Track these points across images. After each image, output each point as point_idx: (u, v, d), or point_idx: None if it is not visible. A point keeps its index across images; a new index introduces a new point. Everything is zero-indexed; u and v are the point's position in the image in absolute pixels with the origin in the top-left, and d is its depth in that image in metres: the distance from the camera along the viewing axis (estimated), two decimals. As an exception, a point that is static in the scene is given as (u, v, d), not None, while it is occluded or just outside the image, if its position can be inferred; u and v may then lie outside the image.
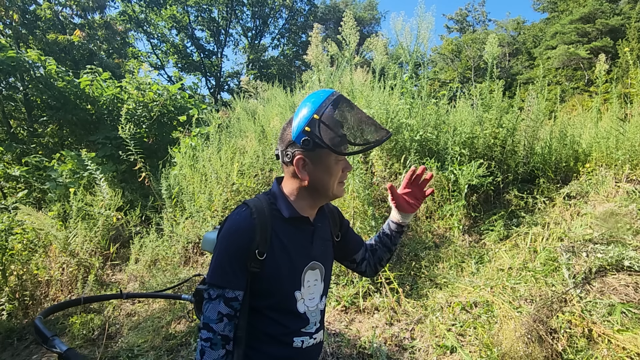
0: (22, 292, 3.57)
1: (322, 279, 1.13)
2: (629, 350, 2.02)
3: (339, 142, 0.99)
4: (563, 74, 23.04)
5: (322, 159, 1.03)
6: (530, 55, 28.65)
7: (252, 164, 4.41)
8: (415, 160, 3.88)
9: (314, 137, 0.98)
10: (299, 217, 1.06)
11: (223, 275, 0.97)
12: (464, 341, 2.43)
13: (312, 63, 4.61)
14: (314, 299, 1.10)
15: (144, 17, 20.59)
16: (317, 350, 1.13)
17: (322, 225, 1.16)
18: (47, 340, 1.02)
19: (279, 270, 1.01)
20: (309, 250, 1.09)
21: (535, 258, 2.89)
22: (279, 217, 1.04)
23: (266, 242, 0.99)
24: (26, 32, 11.97)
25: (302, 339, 1.06)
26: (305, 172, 1.03)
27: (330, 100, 1.00)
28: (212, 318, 0.95)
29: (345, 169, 1.08)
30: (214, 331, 0.94)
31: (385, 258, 1.32)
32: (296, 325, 1.06)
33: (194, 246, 3.92)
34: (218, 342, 0.94)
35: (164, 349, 2.83)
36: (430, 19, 3.98)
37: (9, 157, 6.41)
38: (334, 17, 29.46)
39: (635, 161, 3.39)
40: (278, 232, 1.02)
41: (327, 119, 0.98)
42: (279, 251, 1.01)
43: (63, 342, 1.01)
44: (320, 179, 1.04)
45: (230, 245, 0.98)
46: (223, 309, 0.95)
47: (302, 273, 1.06)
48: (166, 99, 6.41)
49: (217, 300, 0.96)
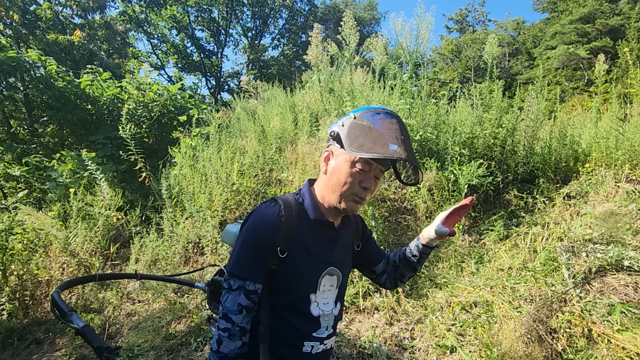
0: (22, 292, 3.57)
1: (338, 286, 1.12)
2: (628, 350, 2.03)
3: (353, 143, 0.96)
4: (563, 74, 23.04)
5: (340, 155, 1.02)
6: (530, 56, 28.66)
7: (252, 164, 4.41)
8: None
9: (341, 132, 0.99)
10: (324, 221, 1.06)
11: (245, 267, 0.97)
12: (464, 341, 2.44)
13: (312, 63, 4.62)
14: (329, 304, 1.09)
15: (144, 17, 20.58)
16: (326, 357, 1.12)
17: (345, 233, 1.15)
18: (65, 315, 1.02)
19: (297, 271, 1.01)
20: (329, 256, 1.08)
21: (535, 258, 2.90)
22: (305, 218, 1.04)
23: (289, 241, 0.99)
24: (26, 32, 11.96)
25: (312, 344, 1.05)
26: (326, 165, 1.05)
27: (376, 112, 0.99)
28: (232, 309, 0.95)
29: (362, 183, 1.00)
30: (232, 322, 0.95)
31: (408, 276, 1.30)
32: (307, 328, 1.04)
33: (194, 246, 3.92)
34: (236, 333, 0.95)
35: (164, 349, 2.83)
36: (430, 19, 3.98)
37: (9, 157, 6.42)
38: (334, 17, 29.48)
39: (635, 161, 3.39)
40: (302, 233, 1.02)
41: (359, 120, 0.98)
42: (300, 252, 1.01)
43: (80, 318, 1.01)
44: (332, 177, 1.02)
45: (255, 238, 0.98)
46: (243, 301, 0.95)
47: (320, 277, 1.06)
48: (166, 99, 6.41)
49: (238, 291, 0.96)
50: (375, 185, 1.06)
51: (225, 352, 0.94)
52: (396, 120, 1.00)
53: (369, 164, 1.00)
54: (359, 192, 1.01)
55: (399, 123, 1.00)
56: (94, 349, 0.94)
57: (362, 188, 1.01)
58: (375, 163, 1.00)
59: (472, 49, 28.07)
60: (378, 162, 1.00)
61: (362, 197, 1.02)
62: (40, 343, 3.20)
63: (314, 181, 1.12)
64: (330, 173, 1.03)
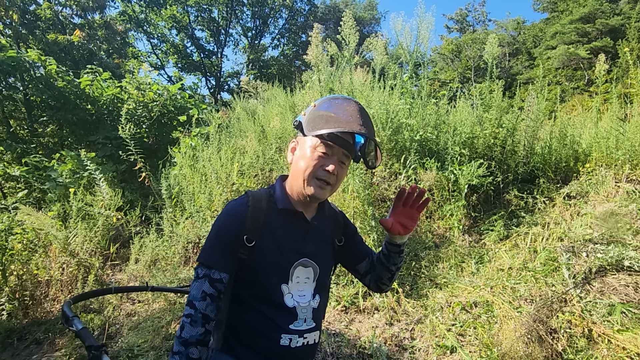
0: (22, 292, 3.57)
1: (315, 279, 1.11)
2: (629, 350, 2.02)
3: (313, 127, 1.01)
4: (563, 74, 23.03)
5: (304, 143, 1.07)
6: (530, 55, 28.65)
7: (252, 164, 4.41)
8: (415, 160, 3.88)
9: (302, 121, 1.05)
10: (292, 210, 1.08)
11: (211, 256, 1.01)
12: (464, 341, 2.43)
13: (312, 63, 4.61)
14: (305, 296, 1.08)
15: (144, 17, 20.57)
16: (308, 353, 1.09)
17: (320, 226, 1.15)
18: (68, 319, 1.12)
19: (267, 260, 1.03)
20: (300, 247, 1.08)
21: (535, 258, 2.89)
22: (274, 209, 1.07)
23: (257, 230, 1.02)
24: (26, 32, 11.95)
25: (290, 336, 1.03)
26: (292, 155, 1.10)
27: (335, 98, 1.06)
28: (196, 296, 0.98)
29: (324, 166, 1.04)
30: (195, 308, 0.97)
31: (386, 277, 1.25)
32: (283, 320, 1.03)
33: (194, 246, 3.92)
34: (198, 320, 0.97)
35: (164, 349, 2.83)
36: (430, 19, 3.98)
37: (9, 157, 6.42)
38: (334, 17, 29.44)
39: (635, 161, 3.39)
40: (271, 223, 1.05)
41: (319, 108, 1.05)
42: (269, 241, 1.03)
43: (81, 322, 1.10)
44: (297, 164, 1.07)
45: (220, 228, 1.03)
46: (207, 289, 0.98)
47: (291, 267, 1.06)
48: (166, 99, 6.41)
49: (203, 279, 0.99)
50: (342, 171, 1.08)
51: (186, 337, 0.96)
52: (354, 103, 1.06)
53: (331, 148, 1.03)
54: (323, 175, 1.04)
55: (357, 106, 1.05)
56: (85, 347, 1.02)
57: (325, 171, 1.04)
58: (337, 147, 1.03)
59: (472, 48, 28.06)
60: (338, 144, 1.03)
61: (326, 180, 1.04)
62: (40, 343, 3.20)
63: (286, 177, 1.16)
64: (295, 161, 1.08)
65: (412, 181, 3.85)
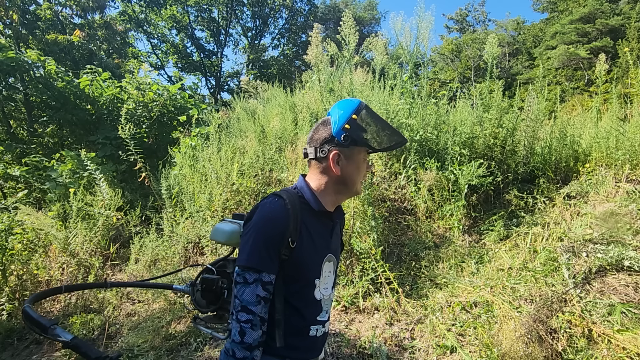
0: (22, 292, 3.57)
1: (334, 271, 1.23)
2: (629, 350, 2.02)
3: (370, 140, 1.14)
4: (563, 74, 23.02)
5: (354, 155, 1.14)
6: (530, 55, 28.64)
7: (252, 164, 4.41)
8: (415, 160, 3.88)
9: (352, 134, 1.10)
10: (326, 211, 1.16)
11: (260, 260, 1.02)
12: (464, 341, 2.43)
13: (312, 63, 4.61)
14: (328, 289, 1.19)
15: (144, 17, 20.57)
16: (324, 341, 1.23)
17: (338, 222, 1.26)
18: (47, 329, 0.94)
19: (305, 258, 1.09)
20: (328, 243, 1.19)
21: (535, 258, 2.89)
22: (307, 210, 1.13)
23: (297, 231, 1.06)
24: (26, 32, 11.94)
25: (316, 327, 1.14)
26: (339, 166, 1.13)
27: (363, 106, 1.14)
28: (251, 301, 1.01)
29: (368, 168, 1.20)
30: (253, 313, 1.00)
31: None
32: (313, 313, 1.13)
33: (194, 246, 3.92)
34: (257, 323, 1.01)
35: (164, 349, 2.83)
36: (430, 18, 3.98)
37: (9, 157, 6.41)
38: (334, 17, 29.44)
39: (635, 161, 3.39)
40: (306, 223, 1.10)
41: (362, 120, 1.13)
42: (307, 241, 1.09)
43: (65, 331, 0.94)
44: (350, 174, 1.14)
45: (268, 231, 1.04)
46: (261, 292, 1.01)
47: (322, 263, 1.16)
48: (166, 99, 6.41)
49: (255, 284, 1.01)
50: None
51: (250, 342, 1.00)
52: (369, 107, 1.18)
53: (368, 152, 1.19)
54: (365, 176, 1.22)
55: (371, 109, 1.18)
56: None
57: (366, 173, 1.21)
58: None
59: (472, 48, 28.06)
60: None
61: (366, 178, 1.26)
62: (40, 343, 3.20)
63: (305, 176, 1.21)
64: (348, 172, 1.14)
65: (412, 181, 3.85)
